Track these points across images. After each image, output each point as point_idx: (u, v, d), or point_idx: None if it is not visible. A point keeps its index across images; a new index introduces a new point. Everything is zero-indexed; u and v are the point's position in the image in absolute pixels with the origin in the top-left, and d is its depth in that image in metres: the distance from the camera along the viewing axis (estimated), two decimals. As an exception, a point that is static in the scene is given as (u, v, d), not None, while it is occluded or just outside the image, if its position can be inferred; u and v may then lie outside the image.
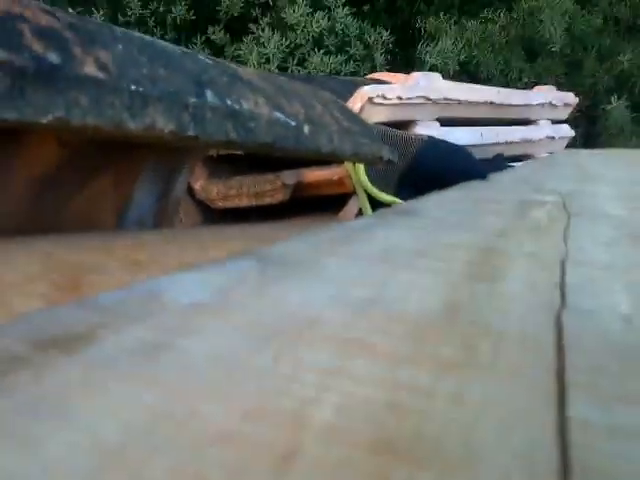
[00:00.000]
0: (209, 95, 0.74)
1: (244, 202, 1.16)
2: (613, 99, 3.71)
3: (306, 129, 0.80)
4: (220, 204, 1.20)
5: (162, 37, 3.61)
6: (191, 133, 0.66)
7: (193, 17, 3.80)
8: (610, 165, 1.25)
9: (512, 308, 0.36)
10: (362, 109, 1.22)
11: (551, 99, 1.99)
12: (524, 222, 0.66)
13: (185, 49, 0.83)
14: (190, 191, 1.17)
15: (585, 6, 3.82)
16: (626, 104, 3.75)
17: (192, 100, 0.70)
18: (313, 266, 0.40)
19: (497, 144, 1.67)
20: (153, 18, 3.79)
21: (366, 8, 3.99)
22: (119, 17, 3.78)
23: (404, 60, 3.64)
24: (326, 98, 0.93)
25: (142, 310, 0.29)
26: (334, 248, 0.48)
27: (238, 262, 0.38)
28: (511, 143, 1.76)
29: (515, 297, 0.39)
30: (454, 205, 0.76)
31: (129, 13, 3.78)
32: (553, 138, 2.00)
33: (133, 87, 0.61)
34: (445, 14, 3.80)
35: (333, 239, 0.51)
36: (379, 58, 3.55)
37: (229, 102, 0.76)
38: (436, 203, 0.73)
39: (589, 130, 3.88)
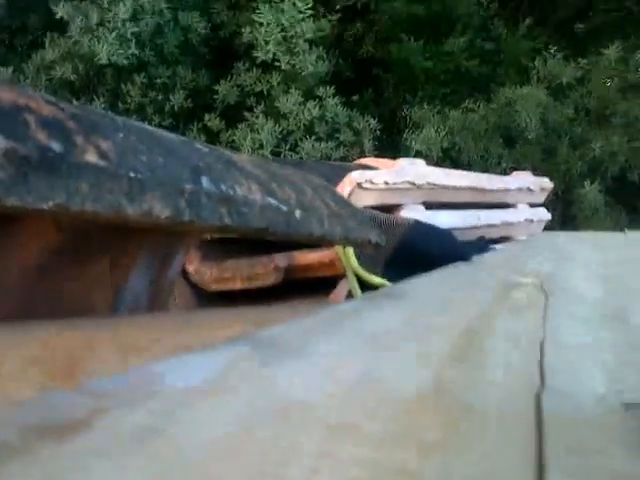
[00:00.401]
0: (204, 181, 0.76)
1: (237, 285, 1.17)
2: (586, 184, 3.80)
3: (297, 214, 0.82)
4: (214, 287, 1.20)
5: (160, 124, 3.69)
6: (186, 218, 0.67)
7: (190, 105, 3.90)
8: (584, 247, 1.27)
9: (494, 390, 0.36)
10: (351, 193, 1.24)
11: (528, 184, 2.04)
12: (505, 303, 0.66)
13: (183, 137, 0.85)
14: (184, 273, 1.18)
15: (558, 97, 3.96)
16: (599, 188, 3.84)
17: (188, 186, 0.72)
18: (304, 349, 0.40)
19: (479, 227, 1.70)
20: (152, 106, 3.89)
21: (355, 98, 4.12)
22: (119, 104, 3.88)
23: (391, 146, 3.73)
24: (316, 183, 0.95)
25: (137, 396, 0.29)
26: (324, 331, 0.48)
27: (231, 346, 0.39)
28: (492, 226, 1.79)
29: (497, 379, 0.39)
30: (439, 287, 0.77)
31: (129, 101, 3.88)
32: (531, 221, 2.04)
33: (132, 174, 0.63)
34: (429, 104, 3.93)
35: (324, 322, 0.52)
36: (367, 144, 3.64)
37: (224, 188, 0.77)
38: (422, 285, 0.74)
39: (565, 213, 3.95)
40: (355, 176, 1.28)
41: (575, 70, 3.88)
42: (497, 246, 1.54)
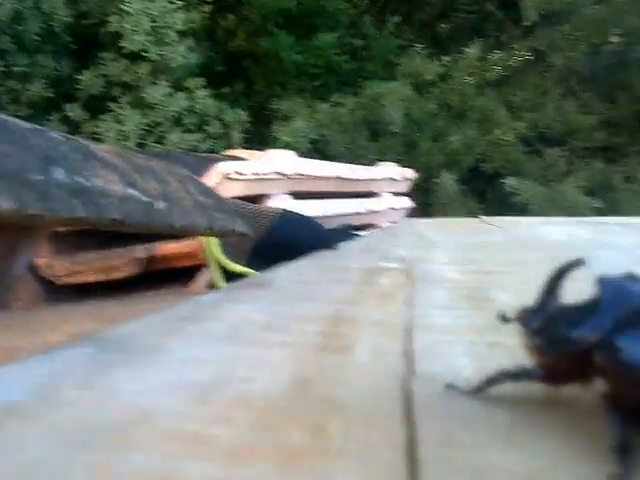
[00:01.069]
0: (57, 172, 0.69)
1: (91, 278, 1.09)
2: (444, 174, 3.95)
3: (160, 205, 0.76)
4: (66, 280, 1.11)
5: (15, 114, 3.43)
6: (33, 211, 0.60)
7: (51, 94, 3.66)
8: (444, 232, 1.30)
9: (362, 382, 0.34)
10: (218, 184, 1.20)
11: (392, 174, 2.07)
12: (371, 290, 0.65)
13: (36, 126, 0.77)
14: (34, 268, 1.08)
15: (421, 93, 4.08)
16: (455, 178, 4.00)
17: (37, 177, 0.64)
18: (155, 349, 0.35)
19: (345, 215, 1.70)
20: (9, 95, 3.60)
21: (225, 90, 4.03)
22: (-27, 93, 3.57)
23: (260, 138, 3.69)
24: (181, 174, 0.90)
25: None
26: (180, 327, 0.43)
27: (71, 349, 0.33)
28: (358, 214, 1.80)
29: (365, 370, 0.36)
30: (305, 275, 0.74)
31: (-16, 90, 3.58)
32: (395, 209, 2.07)
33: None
34: (299, 97, 3.92)
35: (180, 317, 0.47)
36: (236, 136, 3.58)
37: (78, 178, 0.70)
38: (287, 274, 0.71)
39: (425, 201, 4.09)
40: (222, 167, 1.23)
41: (438, 67, 4.02)
42: (362, 233, 1.55)
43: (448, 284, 0.67)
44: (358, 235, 1.43)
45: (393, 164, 2.30)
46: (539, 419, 0.28)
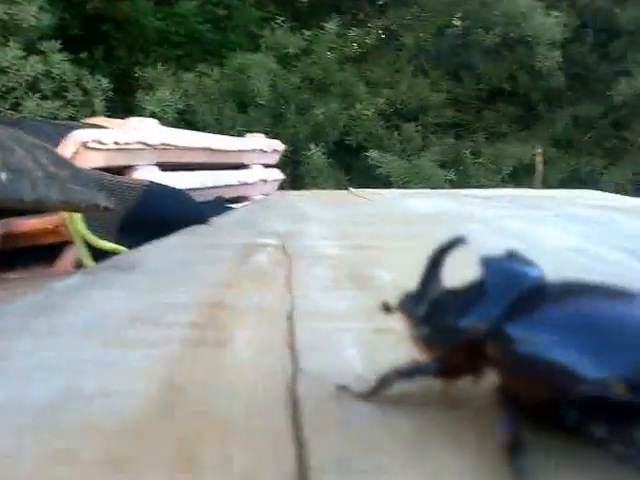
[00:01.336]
0: None
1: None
2: (312, 146, 3.93)
3: (3, 176, 0.65)
4: None
5: None
6: None
7: None
8: (317, 205, 1.26)
9: (243, 386, 0.28)
10: (76, 154, 1.08)
11: (262, 146, 2.01)
12: (247, 269, 0.59)
13: None
14: None
15: (285, 66, 4.02)
16: (323, 151, 4.00)
17: None
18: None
19: (216, 187, 1.63)
20: None
21: (84, 55, 3.74)
22: None
23: (124, 107, 3.47)
24: (30, 142, 0.78)
25: None
26: (27, 322, 0.36)
27: None
28: (228, 186, 1.73)
29: (245, 368, 0.31)
30: (175, 254, 0.67)
31: None
32: (265, 181, 2.02)
33: None
34: (163, 65, 3.72)
35: (30, 309, 0.39)
36: (98, 104, 3.34)
37: None
38: (156, 253, 0.63)
39: (294, 173, 4.07)
40: (79, 135, 1.11)
41: (300, 41, 3.97)
42: (234, 206, 1.48)
43: (328, 261, 0.63)
44: (230, 208, 1.36)
45: (262, 135, 2.24)
46: (443, 424, 0.24)
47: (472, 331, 0.24)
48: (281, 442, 0.22)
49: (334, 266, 0.60)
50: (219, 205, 1.49)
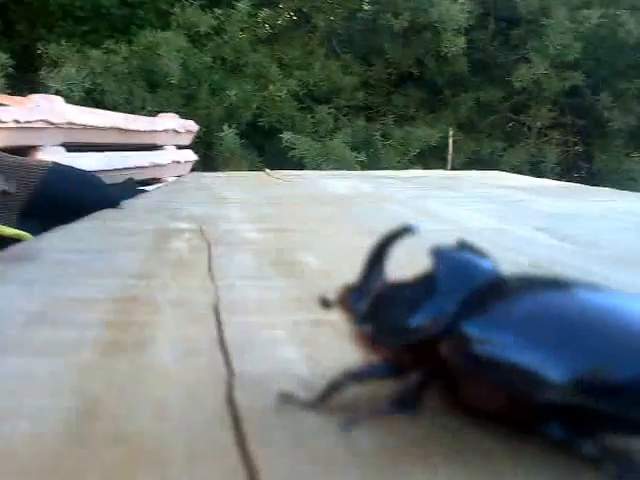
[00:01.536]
0: None
1: None
2: (225, 128, 3.84)
3: None
4: None
5: None
6: None
7: None
8: (233, 187, 1.21)
9: (171, 398, 0.24)
10: (-30, 133, 0.97)
11: (175, 126, 1.92)
12: (166, 256, 0.54)
13: None
14: None
15: (197, 45, 3.88)
16: (236, 132, 3.91)
17: None
18: None
19: (127, 169, 1.53)
20: None
21: (-21, 29, 3.47)
22: None
23: (26, 84, 3.24)
24: None
25: None
26: None
27: None
28: (140, 168, 1.64)
29: (171, 375, 0.27)
30: (85, 241, 0.61)
31: None
32: (179, 162, 1.93)
33: None
34: (67, 41, 3.50)
35: None
36: (-2, 81, 3.10)
37: None
38: (62, 241, 0.57)
39: (206, 155, 3.96)
40: (-25, 112, 1.00)
41: (211, 20, 3.84)
42: (147, 188, 1.41)
43: (249, 246, 0.58)
44: (143, 191, 1.28)
45: (175, 116, 2.14)
46: (405, 435, 0.21)
47: (425, 330, 0.21)
48: (229, 472, 0.19)
49: (257, 252, 0.56)
50: (130, 188, 1.41)
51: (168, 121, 1.97)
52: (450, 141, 2.99)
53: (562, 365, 0.19)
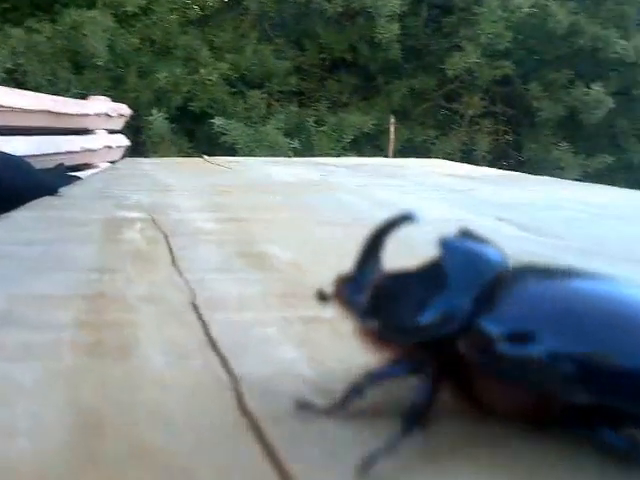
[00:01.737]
0: None
1: None
2: (154, 112, 3.73)
3: None
4: None
5: None
6: None
7: None
8: (174, 174, 1.17)
9: (175, 407, 0.22)
10: None
11: (106, 110, 1.84)
12: (121, 248, 0.51)
13: None
14: None
15: (124, 26, 3.74)
16: (165, 116, 3.81)
17: None
18: None
19: (57, 154, 1.46)
20: None
21: None
22: None
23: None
24: None
25: None
26: None
27: None
28: (71, 153, 1.56)
29: (166, 380, 0.25)
30: (29, 232, 0.57)
31: None
32: (111, 147, 1.86)
33: None
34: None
35: None
36: None
37: None
38: (4, 231, 0.53)
39: (136, 139, 3.84)
40: None
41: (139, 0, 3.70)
42: (81, 174, 1.34)
43: (208, 237, 0.56)
44: (76, 177, 1.22)
45: (107, 99, 2.05)
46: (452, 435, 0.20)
47: (441, 327, 0.20)
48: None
49: (218, 243, 0.54)
50: (61, 174, 1.34)
51: (99, 104, 1.89)
52: (392, 128, 3.02)
53: (589, 362, 0.19)
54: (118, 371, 0.26)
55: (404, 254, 0.25)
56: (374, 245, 0.23)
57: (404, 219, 0.22)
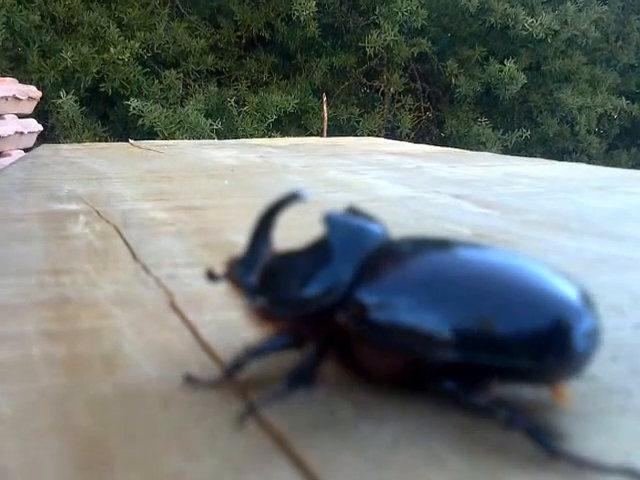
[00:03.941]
0: None
1: None
2: (62, 94, 3.54)
3: None
4: None
5: None
6: None
7: None
8: (103, 160, 1.11)
9: (196, 434, 0.20)
10: None
11: (15, 92, 1.73)
12: (71, 245, 0.47)
13: None
14: None
15: (22, 2, 3.52)
16: (75, 99, 3.63)
17: None
18: None
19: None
20: None
21: None
22: None
23: None
24: None
25: None
26: None
27: None
28: (-22, 140, 1.45)
29: (174, 398, 0.22)
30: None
31: None
32: (22, 133, 1.75)
33: None
34: None
35: None
36: None
37: None
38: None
39: (44, 124, 3.64)
40: None
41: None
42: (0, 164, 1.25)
43: (164, 228, 0.53)
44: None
45: (14, 80, 1.92)
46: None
47: (321, 300, 0.21)
48: None
49: (176, 234, 0.51)
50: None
51: (5, 86, 1.77)
52: (325, 107, 2.99)
53: (448, 323, 0.20)
54: (107, 387, 0.23)
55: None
56: (264, 226, 0.23)
57: (292, 198, 0.22)
